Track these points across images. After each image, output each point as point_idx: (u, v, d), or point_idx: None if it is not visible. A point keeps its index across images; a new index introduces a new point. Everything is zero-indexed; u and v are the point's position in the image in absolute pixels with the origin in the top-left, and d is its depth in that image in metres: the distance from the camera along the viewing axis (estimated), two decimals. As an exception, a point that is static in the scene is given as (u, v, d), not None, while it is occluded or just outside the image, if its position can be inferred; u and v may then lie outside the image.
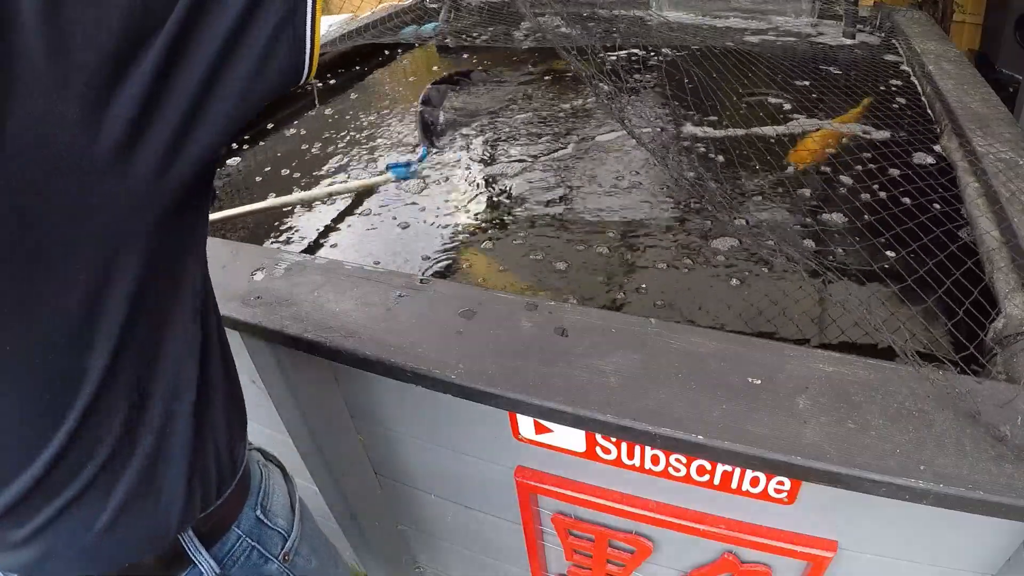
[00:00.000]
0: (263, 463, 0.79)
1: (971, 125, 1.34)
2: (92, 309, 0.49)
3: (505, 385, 0.80)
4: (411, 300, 0.96)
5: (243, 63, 0.48)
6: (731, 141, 1.61)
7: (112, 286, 0.49)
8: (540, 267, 1.31)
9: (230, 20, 0.46)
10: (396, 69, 2.63)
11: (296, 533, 0.76)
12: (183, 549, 0.64)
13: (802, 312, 1.12)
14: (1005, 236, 1.02)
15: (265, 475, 0.77)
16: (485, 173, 1.71)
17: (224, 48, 0.46)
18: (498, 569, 1.31)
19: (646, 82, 1.99)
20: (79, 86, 0.42)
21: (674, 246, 1.33)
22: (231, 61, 0.47)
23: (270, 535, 0.73)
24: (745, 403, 0.74)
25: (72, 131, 0.43)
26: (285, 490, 0.79)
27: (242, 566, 0.70)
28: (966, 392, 0.72)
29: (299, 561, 0.76)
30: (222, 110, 0.48)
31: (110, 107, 0.43)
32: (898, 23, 2.12)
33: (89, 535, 0.58)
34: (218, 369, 0.65)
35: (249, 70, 0.48)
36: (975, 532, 0.79)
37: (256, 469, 0.76)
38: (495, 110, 2.07)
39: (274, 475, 0.79)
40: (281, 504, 0.76)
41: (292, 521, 0.77)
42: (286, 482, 0.81)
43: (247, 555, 0.70)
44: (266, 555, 0.72)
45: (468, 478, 1.13)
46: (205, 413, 0.63)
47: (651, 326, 0.87)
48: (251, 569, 0.71)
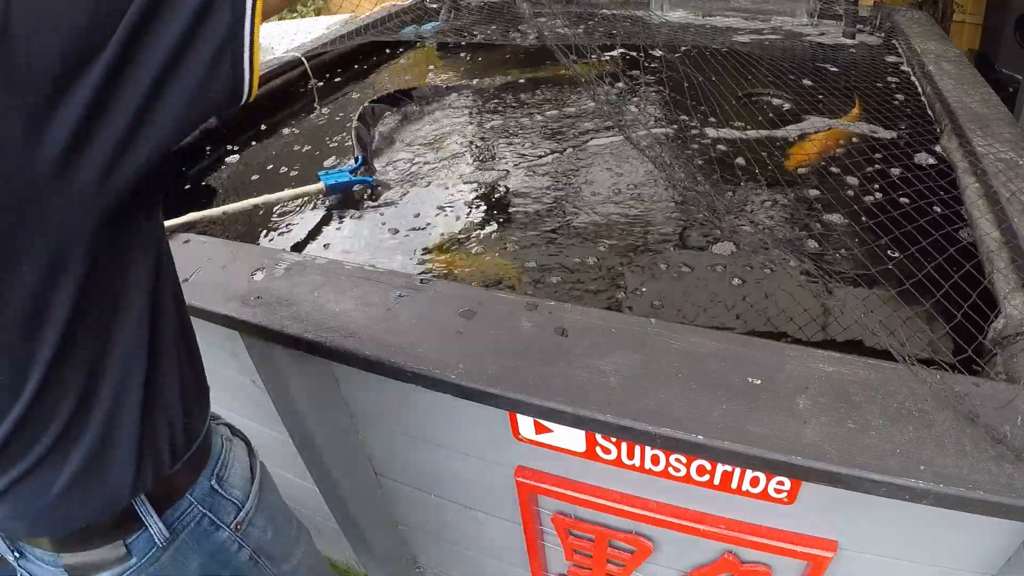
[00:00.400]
0: (228, 436, 0.83)
1: (971, 125, 1.34)
2: (38, 301, 0.53)
3: (505, 385, 0.80)
4: (411, 300, 0.96)
5: (184, 85, 0.50)
6: (729, 143, 1.61)
7: (58, 280, 0.53)
8: (533, 274, 1.31)
9: (172, 41, 0.48)
10: (396, 69, 2.63)
11: (251, 504, 0.79)
12: (135, 512, 0.68)
13: (802, 312, 1.12)
14: (1005, 236, 1.02)
15: (227, 448, 0.80)
16: (478, 177, 1.71)
17: (165, 69, 0.49)
18: (498, 569, 1.31)
19: (644, 84, 1.99)
20: (23, 111, 0.45)
21: (673, 247, 1.33)
22: (172, 82, 0.49)
23: (223, 504, 0.76)
24: (745, 403, 0.74)
25: (15, 150, 0.46)
26: (247, 463, 0.82)
27: (191, 532, 0.73)
28: (966, 392, 0.72)
29: (253, 532, 0.79)
30: (158, 131, 0.50)
31: (53, 124, 0.46)
32: (898, 23, 2.12)
33: (45, 500, 0.62)
34: (171, 353, 0.68)
35: (191, 91, 0.50)
36: (975, 532, 0.79)
37: (218, 441, 0.79)
38: (482, 114, 2.07)
39: (236, 448, 0.82)
40: (239, 476, 0.79)
41: (248, 492, 0.79)
42: (249, 456, 0.84)
43: (197, 521, 0.73)
44: (217, 523, 0.75)
45: (468, 478, 1.13)
46: (157, 394, 0.66)
47: (651, 326, 0.87)
48: (200, 535, 0.74)
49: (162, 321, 0.65)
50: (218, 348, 1.20)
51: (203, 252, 1.14)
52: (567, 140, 1.81)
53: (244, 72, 0.53)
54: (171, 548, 0.71)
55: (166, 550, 0.71)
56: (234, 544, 0.77)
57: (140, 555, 0.69)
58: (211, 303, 1.01)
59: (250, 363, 1.11)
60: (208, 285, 1.05)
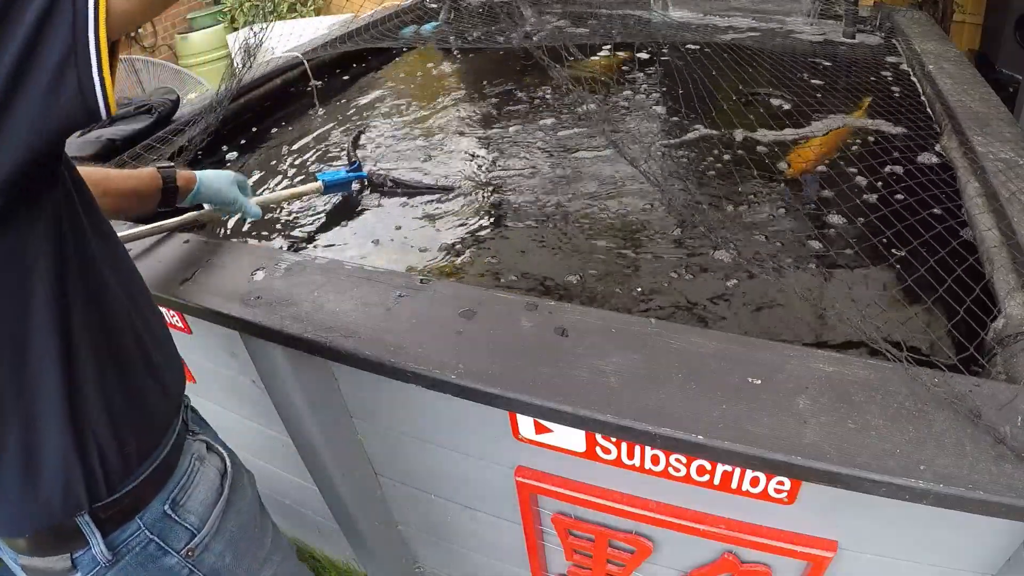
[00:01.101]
0: (200, 455, 0.81)
1: (971, 125, 1.34)
2: None
3: (505, 385, 0.80)
4: (411, 300, 0.96)
5: (30, 99, 0.49)
6: (727, 147, 1.61)
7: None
8: (529, 281, 1.31)
9: (16, 50, 0.48)
10: (396, 69, 2.63)
11: (209, 529, 0.78)
12: (79, 530, 0.69)
13: (802, 312, 1.12)
14: (1005, 236, 1.02)
15: (193, 468, 0.79)
16: (477, 177, 1.71)
17: (10, 80, 0.48)
18: (498, 569, 1.31)
19: (640, 87, 1.99)
20: None
21: (670, 249, 1.33)
22: (17, 95, 0.48)
23: (175, 529, 0.75)
24: (745, 403, 0.74)
25: None
26: (215, 486, 0.81)
27: (136, 555, 0.73)
28: (966, 392, 0.72)
29: (207, 557, 0.78)
30: (7, 148, 0.50)
31: None
32: (898, 23, 2.12)
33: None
34: (92, 373, 0.66)
35: (38, 106, 0.50)
36: (975, 532, 0.79)
37: (185, 461, 0.78)
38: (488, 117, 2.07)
39: (207, 469, 0.81)
40: (199, 500, 0.78)
41: (207, 517, 0.78)
42: (220, 477, 0.82)
43: (143, 546, 0.73)
44: (165, 548, 0.74)
45: (468, 478, 1.13)
46: (79, 411, 0.65)
47: (651, 326, 0.87)
48: (146, 558, 0.73)
49: (80, 336, 0.64)
50: (218, 348, 1.20)
51: (203, 252, 1.14)
52: (567, 141, 1.81)
53: (95, 88, 0.51)
54: (114, 569, 0.71)
55: (110, 569, 0.71)
56: (184, 569, 0.76)
57: (85, 570, 0.71)
58: (211, 303, 1.01)
59: (250, 363, 1.11)
60: (208, 285, 1.05)
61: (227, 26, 5.22)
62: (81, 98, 0.51)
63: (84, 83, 0.51)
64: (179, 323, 1.19)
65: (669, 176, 1.50)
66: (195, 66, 4.88)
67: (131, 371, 0.71)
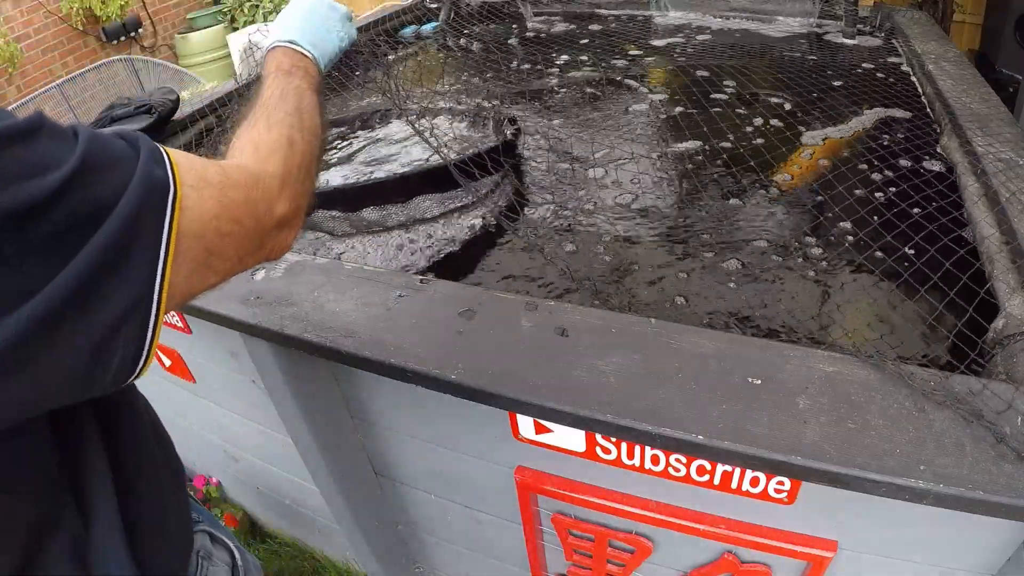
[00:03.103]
0: (207, 552, 0.76)
1: (971, 125, 1.34)
2: None
3: (505, 385, 0.80)
4: (411, 300, 0.96)
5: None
6: (727, 151, 1.61)
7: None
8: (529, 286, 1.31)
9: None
10: (395, 69, 2.62)
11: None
12: None
13: (802, 313, 1.12)
14: (1005, 236, 1.02)
15: (203, 570, 0.73)
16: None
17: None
18: (498, 569, 1.32)
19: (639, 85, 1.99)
20: None
21: (667, 250, 1.33)
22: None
23: None
24: (745, 403, 0.74)
25: None
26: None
27: None
28: (967, 393, 0.72)
29: None
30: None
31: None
32: (898, 23, 2.12)
33: None
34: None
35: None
36: (975, 532, 0.79)
37: (194, 562, 0.72)
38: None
39: (215, 570, 0.75)
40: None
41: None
42: (231, 572, 0.77)
43: None
44: None
45: (468, 478, 1.13)
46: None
47: (651, 326, 0.87)
48: None
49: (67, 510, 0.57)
50: (218, 348, 1.20)
51: (203, 252, 1.14)
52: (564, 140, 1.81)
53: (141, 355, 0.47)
54: None
55: None
56: None
57: None
58: (211, 303, 1.01)
59: (250, 363, 1.11)
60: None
61: (227, 26, 5.22)
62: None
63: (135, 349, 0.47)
64: (179, 323, 1.19)
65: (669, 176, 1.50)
66: (195, 66, 4.88)
67: (156, 509, 0.66)
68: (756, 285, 1.19)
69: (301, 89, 0.73)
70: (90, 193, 0.43)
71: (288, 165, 0.62)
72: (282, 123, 0.66)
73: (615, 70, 2.06)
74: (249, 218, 0.55)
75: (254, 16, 5.11)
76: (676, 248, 1.32)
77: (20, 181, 0.40)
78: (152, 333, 0.47)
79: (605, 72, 2.03)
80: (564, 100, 1.94)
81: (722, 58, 2.00)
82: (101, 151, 0.45)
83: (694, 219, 1.38)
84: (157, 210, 0.46)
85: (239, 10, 5.19)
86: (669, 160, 1.59)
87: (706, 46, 2.16)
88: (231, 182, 0.55)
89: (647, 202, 1.44)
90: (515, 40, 2.37)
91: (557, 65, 2.17)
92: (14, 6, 4.31)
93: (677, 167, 1.56)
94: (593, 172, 1.55)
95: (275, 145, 0.63)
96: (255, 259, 0.59)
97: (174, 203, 0.47)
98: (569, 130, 1.72)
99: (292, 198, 0.61)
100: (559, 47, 2.25)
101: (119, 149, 0.47)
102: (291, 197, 0.61)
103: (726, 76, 1.88)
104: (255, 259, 0.59)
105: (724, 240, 1.30)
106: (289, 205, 0.61)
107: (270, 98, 0.70)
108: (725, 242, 1.29)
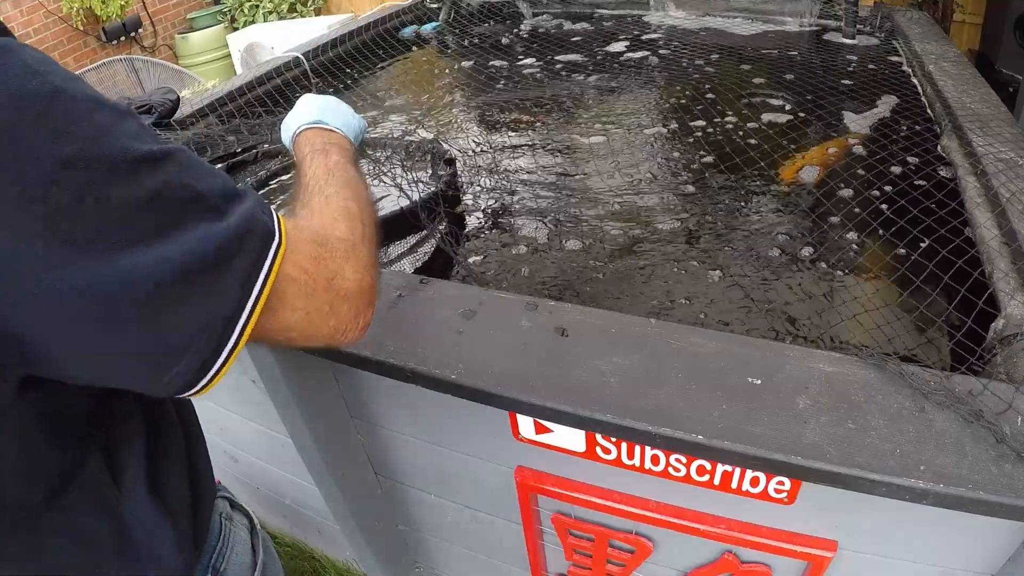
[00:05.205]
0: (228, 515, 0.76)
1: (971, 125, 1.34)
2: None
3: (505, 385, 0.80)
4: (411, 300, 0.96)
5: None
6: (727, 151, 1.61)
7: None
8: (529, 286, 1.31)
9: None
10: (395, 69, 2.62)
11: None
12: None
13: (802, 313, 1.12)
14: (1005, 237, 1.02)
15: (226, 530, 0.74)
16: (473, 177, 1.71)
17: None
18: (498, 569, 1.32)
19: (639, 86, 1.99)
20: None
21: (666, 250, 1.33)
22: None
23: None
24: (745, 403, 0.74)
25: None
26: (248, 545, 0.76)
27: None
28: (967, 393, 0.72)
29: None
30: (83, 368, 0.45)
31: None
32: (898, 23, 2.12)
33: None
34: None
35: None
36: (975, 532, 0.79)
37: (217, 523, 0.73)
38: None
39: (237, 529, 0.76)
40: (238, 564, 0.73)
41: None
42: (251, 535, 0.78)
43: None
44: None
45: (468, 478, 1.13)
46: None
47: (651, 326, 0.87)
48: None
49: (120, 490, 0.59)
50: (218, 348, 1.19)
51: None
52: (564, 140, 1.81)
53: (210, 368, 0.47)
54: None
55: None
56: None
57: None
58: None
59: (250, 363, 1.11)
60: (208, 285, 1.05)
61: (227, 26, 5.22)
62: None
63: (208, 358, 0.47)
64: (179, 323, 1.18)
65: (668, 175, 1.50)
66: (195, 66, 4.88)
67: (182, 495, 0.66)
68: (756, 285, 1.19)
69: (343, 164, 0.72)
70: (194, 180, 0.46)
71: (353, 233, 0.61)
72: (338, 195, 0.65)
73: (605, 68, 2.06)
74: (315, 269, 0.54)
75: (254, 16, 5.10)
76: (676, 248, 1.32)
77: (132, 141, 0.43)
78: (225, 356, 0.47)
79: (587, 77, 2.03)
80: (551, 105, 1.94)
81: (719, 59, 2.00)
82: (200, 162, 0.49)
83: (694, 219, 1.38)
84: (262, 242, 0.49)
85: (239, 10, 5.18)
86: (669, 160, 1.59)
87: (699, 45, 2.17)
88: (297, 227, 0.55)
89: (647, 202, 1.44)
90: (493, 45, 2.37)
91: (548, 71, 2.17)
92: (14, 6, 4.31)
93: (677, 167, 1.56)
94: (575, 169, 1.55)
95: (337, 214, 0.62)
96: (326, 325, 0.55)
97: (278, 249, 0.50)
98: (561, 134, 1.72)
99: (361, 267, 0.59)
100: (554, 47, 2.24)
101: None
102: (359, 266, 0.58)
103: (723, 76, 1.88)
104: (326, 325, 0.55)
105: (724, 240, 1.30)
106: (358, 273, 0.58)
107: (316, 177, 0.68)
108: (725, 242, 1.29)
